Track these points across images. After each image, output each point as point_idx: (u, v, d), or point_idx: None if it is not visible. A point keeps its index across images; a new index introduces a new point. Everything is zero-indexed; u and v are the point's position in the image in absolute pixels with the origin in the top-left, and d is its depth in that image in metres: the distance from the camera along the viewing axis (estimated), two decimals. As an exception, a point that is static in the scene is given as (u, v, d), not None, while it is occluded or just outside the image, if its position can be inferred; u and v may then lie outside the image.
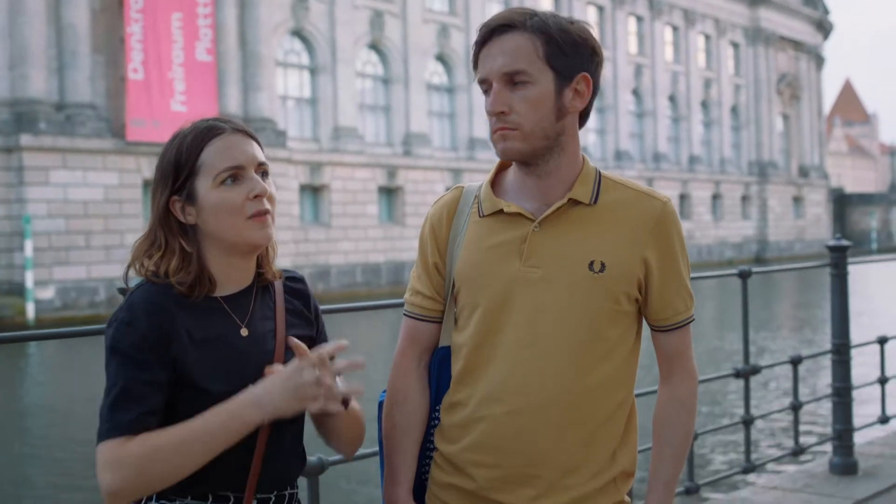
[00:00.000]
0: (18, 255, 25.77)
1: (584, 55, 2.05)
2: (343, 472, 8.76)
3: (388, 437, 2.22)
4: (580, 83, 2.06)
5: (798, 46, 65.79)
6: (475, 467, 2.09)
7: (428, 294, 2.21)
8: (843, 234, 5.67)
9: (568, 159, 2.09)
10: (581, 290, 2.04)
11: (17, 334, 2.76)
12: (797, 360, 5.54)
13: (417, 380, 2.22)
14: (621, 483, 2.12)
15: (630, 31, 52.32)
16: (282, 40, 34.65)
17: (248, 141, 2.03)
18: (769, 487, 5.31)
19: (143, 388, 1.86)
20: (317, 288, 32.47)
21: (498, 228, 2.10)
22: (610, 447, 2.10)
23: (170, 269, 1.96)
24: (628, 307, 2.08)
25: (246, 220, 1.97)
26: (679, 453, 2.15)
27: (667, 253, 2.09)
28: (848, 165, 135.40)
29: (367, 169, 36.03)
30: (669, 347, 2.16)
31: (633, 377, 2.15)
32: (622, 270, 2.05)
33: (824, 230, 66.35)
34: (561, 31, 2.02)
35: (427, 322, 2.22)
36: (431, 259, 2.20)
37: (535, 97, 2.01)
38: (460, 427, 2.12)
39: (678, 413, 2.15)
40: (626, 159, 49.96)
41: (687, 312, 2.15)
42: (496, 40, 2.04)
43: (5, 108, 26.55)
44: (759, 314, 23.05)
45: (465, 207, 2.18)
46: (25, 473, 10.86)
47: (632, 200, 2.09)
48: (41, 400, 16.37)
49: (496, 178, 2.19)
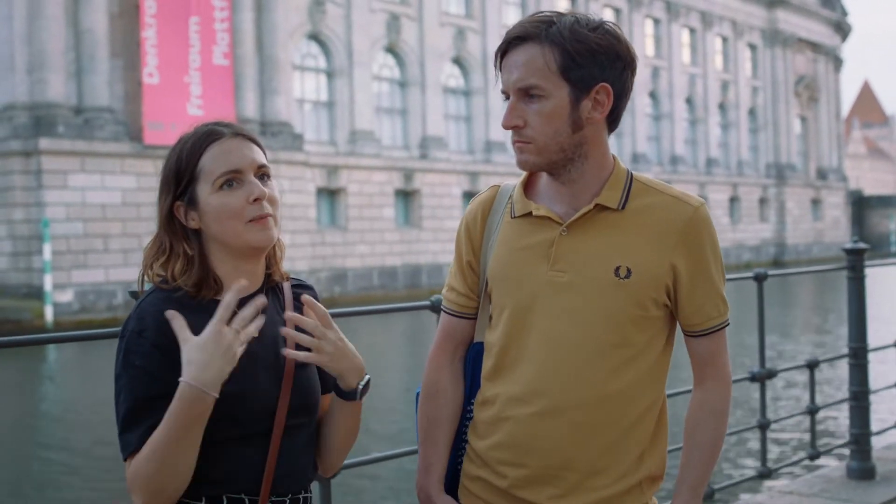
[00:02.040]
0: (37, 259, 25.91)
1: (602, 64, 2.01)
2: (356, 476, 8.78)
3: (422, 429, 2.26)
4: (599, 93, 2.03)
5: (816, 48, 65.48)
6: (502, 465, 2.12)
7: (462, 291, 2.24)
8: (861, 237, 5.62)
9: (592, 166, 2.08)
10: (606, 296, 2.04)
11: (36, 337, 2.77)
12: (814, 364, 5.51)
13: (451, 374, 2.26)
14: (647, 487, 2.13)
15: (647, 34, 52.18)
16: (298, 44, 34.73)
17: (247, 144, 2.04)
18: (785, 492, 5.28)
19: (154, 402, 1.88)
20: (333, 291, 32.53)
21: (528, 230, 2.12)
22: (637, 451, 2.10)
23: (175, 273, 1.99)
24: (656, 312, 2.08)
25: (246, 223, 1.99)
26: (707, 458, 2.14)
27: (697, 258, 2.07)
28: (866, 167, 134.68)
29: (383, 172, 36.06)
30: (702, 352, 2.15)
31: (662, 382, 2.15)
32: (649, 276, 2.04)
33: (843, 233, 65.98)
34: (576, 42, 1.99)
35: (462, 318, 2.26)
36: (466, 257, 2.23)
37: (549, 111, 2.01)
38: (489, 424, 2.15)
39: (708, 419, 2.14)
40: (643, 162, 49.81)
41: (720, 318, 2.13)
42: (513, 52, 2.04)
43: (24, 111, 26.72)
44: (775, 317, 22.95)
45: (500, 207, 2.20)
46: (35, 474, 10.92)
47: (662, 205, 2.08)
48: (58, 402, 16.45)
49: (530, 179, 2.19)
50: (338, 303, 31.05)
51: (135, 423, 1.88)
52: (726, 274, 2.22)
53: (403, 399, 14.30)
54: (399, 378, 16.34)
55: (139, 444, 1.87)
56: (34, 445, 12.56)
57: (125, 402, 1.90)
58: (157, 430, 1.86)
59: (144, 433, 1.87)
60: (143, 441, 1.87)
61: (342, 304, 30.71)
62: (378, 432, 11.46)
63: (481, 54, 40.39)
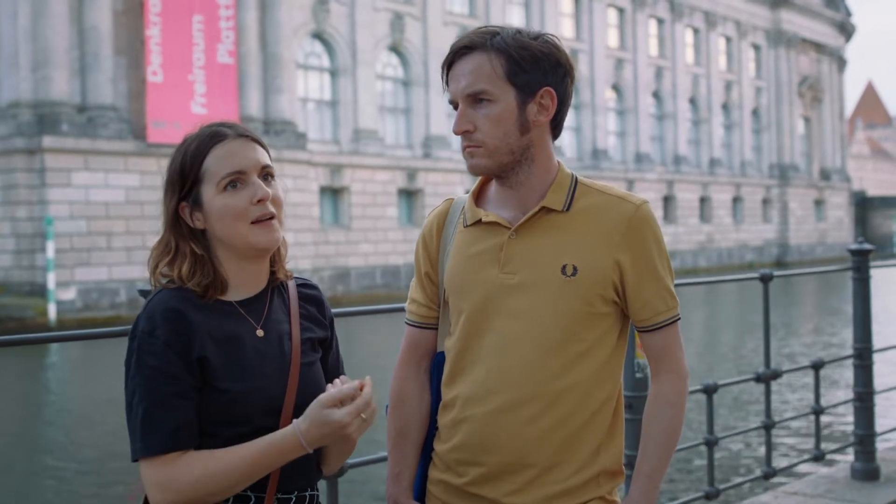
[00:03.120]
0: (40, 257, 25.94)
1: (545, 69, 2.11)
2: (363, 475, 8.77)
3: (390, 439, 2.34)
4: (544, 97, 2.12)
5: (820, 49, 65.43)
6: (461, 465, 2.19)
7: (423, 302, 2.33)
8: (864, 238, 5.61)
9: (539, 170, 2.17)
10: (554, 294, 2.11)
11: (39, 336, 2.77)
12: (819, 365, 5.50)
13: (416, 384, 2.33)
14: (604, 481, 2.19)
15: (651, 34, 52.16)
16: (302, 42, 34.74)
17: (251, 145, 2.05)
18: (790, 493, 5.28)
19: (174, 400, 1.90)
20: (336, 290, 32.54)
21: (479, 237, 2.20)
22: (593, 445, 2.16)
23: (183, 274, 2.00)
24: (604, 309, 2.15)
25: (250, 224, 2.01)
26: (662, 449, 2.19)
27: (641, 255, 2.14)
28: (870, 168, 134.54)
29: (386, 171, 36.08)
30: (655, 347, 2.21)
31: (617, 377, 2.21)
32: (594, 273, 2.11)
33: (846, 233, 65.93)
34: (520, 49, 2.08)
35: (424, 329, 2.34)
36: (423, 269, 2.32)
37: (497, 115, 2.10)
38: (449, 428, 2.22)
39: (663, 410, 2.19)
40: (646, 162, 49.81)
41: (668, 312, 2.19)
42: (459, 62, 2.13)
43: (28, 109, 26.74)
44: (780, 318, 22.94)
45: (454, 218, 2.28)
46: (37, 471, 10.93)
47: (605, 205, 2.16)
48: (62, 400, 16.46)
49: (480, 190, 2.27)
50: (341, 302, 31.06)
51: (155, 425, 1.88)
52: (731, 273, 2.25)
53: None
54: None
55: (170, 445, 1.88)
56: (37, 444, 12.57)
57: (141, 402, 1.90)
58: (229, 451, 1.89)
59: (174, 435, 1.88)
60: (173, 443, 1.88)
61: (345, 302, 30.72)
62: (384, 431, 11.43)
63: (485, 54, 40.33)
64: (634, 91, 50.03)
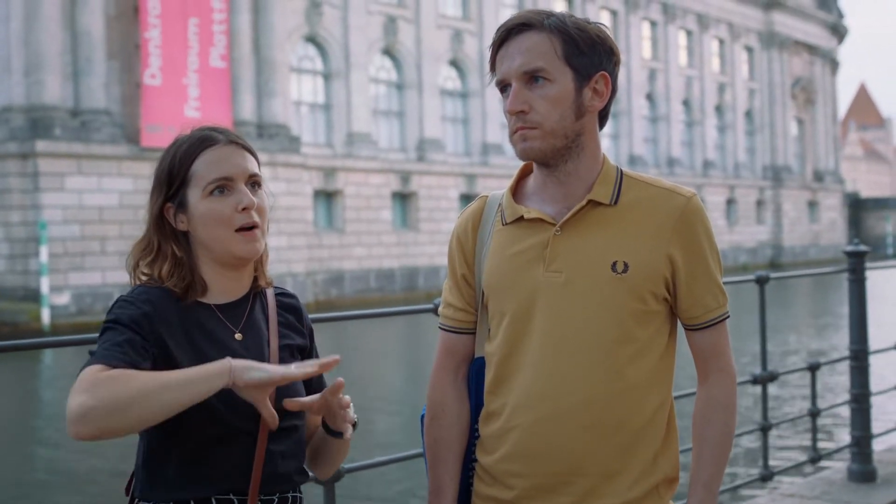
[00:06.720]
0: (34, 261, 25.88)
1: (601, 54, 2.04)
2: (359, 480, 8.74)
3: (430, 452, 2.21)
4: (599, 82, 2.05)
5: (812, 50, 65.57)
6: (511, 477, 2.08)
7: (460, 306, 2.21)
8: (858, 239, 5.60)
9: (587, 159, 2.08)
10: (605, 292, 2.02)
11: (32, 342, 2.75)
12: (815, 367, 5.50)
13: (455, 392, 2.21)
14: (664, 490, 2.09)
15: (644, 36, 52.24)
16: (296, 46, 34.73)
17: (240, 153, 2.05)
18: (787, 495, 5.27)
19: (135, 346, 1.88)
20: (330, 294, 32.51)
21: (520, 235, 2.10)
22: (650, 452, 2.06)
23: (163, 274, 2.01)
24: (657, 307, 2.06)
25: (233, 232, 2.00)
26: (719, 454, 2.09)
27: (693, 249, 2.06)
28: (863, 170, 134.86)
29: (380, 174, 36.06)
30: (704, 346, 2.12)
31: (669, 379, 2.12)
32: (646, 269, 2.02)
33: (839, 235, 66.06)
34: (578, 30, 2.03)
35: (461, 334, 2.22)
36: (460, 271, 2.20)
37: (554, 95, 2.01)
38: (495, 438, 2.10)
39: (716, 413, 2.10)
40: (639, 164, 49.83)
41: (719, 309, 2.10)
42: (514, 40, 2.04)
43: (21, 114, 26.69)
44: (775, 320, 22.96)
45: (490, 216, 2.17)
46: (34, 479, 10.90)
47: (654, 198, 2.08)
48: (53, 405, 16.41)
49: (518, 185, 2.18)
50: (335, 305, 31.04)
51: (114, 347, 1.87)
52: (725, 275, 2.20)
53: (403, 402, 14.29)
54: (398, 380, 16.34)
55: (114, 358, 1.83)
56: (33, 447, 12.53)
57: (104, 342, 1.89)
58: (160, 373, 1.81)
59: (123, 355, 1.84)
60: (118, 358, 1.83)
61: (339, 306, 30.68)
62: (381, 435, 11.44)
63: (478, 56, 40.40)
64: (628, 93, 50.06)
